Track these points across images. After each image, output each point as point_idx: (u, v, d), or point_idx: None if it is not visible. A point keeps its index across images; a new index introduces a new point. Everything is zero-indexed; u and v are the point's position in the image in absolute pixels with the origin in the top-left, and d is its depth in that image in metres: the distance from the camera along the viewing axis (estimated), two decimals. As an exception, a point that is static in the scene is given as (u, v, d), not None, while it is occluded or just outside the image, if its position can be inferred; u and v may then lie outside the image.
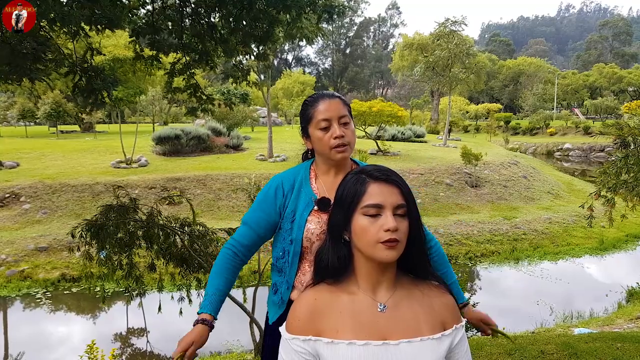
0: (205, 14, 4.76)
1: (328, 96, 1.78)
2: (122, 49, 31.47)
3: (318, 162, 1.85)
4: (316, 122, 1.75)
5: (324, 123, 1.73)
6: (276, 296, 1.84)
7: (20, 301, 8.95)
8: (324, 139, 1.73)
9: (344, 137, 1.72)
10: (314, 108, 1.76)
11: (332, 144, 1.72)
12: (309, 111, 1.79)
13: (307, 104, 1.81)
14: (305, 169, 1.85)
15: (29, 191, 12.81)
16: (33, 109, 31.64)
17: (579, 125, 40.85)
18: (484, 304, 7.98)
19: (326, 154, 1.76)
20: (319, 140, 1.75)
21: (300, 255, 1.76)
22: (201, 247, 4.98)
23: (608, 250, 12.13)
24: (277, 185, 1.81)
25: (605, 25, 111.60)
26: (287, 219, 1.77)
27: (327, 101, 1.75)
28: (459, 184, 15.85)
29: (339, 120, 1.74)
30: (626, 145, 5.37)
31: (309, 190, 1.79)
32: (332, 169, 1.80)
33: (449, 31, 26.06)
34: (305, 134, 1.83)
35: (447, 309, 1.30)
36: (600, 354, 4.14)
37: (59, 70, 4.12)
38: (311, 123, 1.77)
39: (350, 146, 1.75)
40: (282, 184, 1.81)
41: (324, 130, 1.73)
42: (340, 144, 1.72)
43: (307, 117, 1.79)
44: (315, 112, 1.75)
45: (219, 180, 14.31)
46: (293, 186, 1.80)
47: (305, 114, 1.81)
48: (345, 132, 1.73)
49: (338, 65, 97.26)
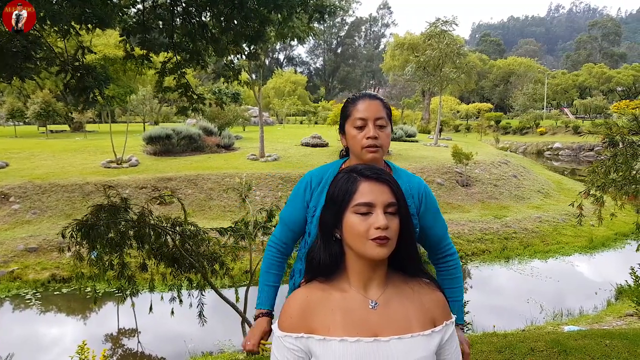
0: (196, 13, 4.75)
1: (369, 97, 1.81)
2: (113, 48, 31.29)
3: (351, 161, 1.88)
4: (353, 119, 1.78)
5: (359, 122, 1.76)
6: (291, 281, 1.99)
7: (10, 302, 8.88)
8: (357, 137, 1.76)
9: (377, 139, 1.74)
10: (353, 106, 1.80)
11: (364, 143, 1.75)
12: (348, 109, 1.82)
13: (349, 102, 1.84)
14: (335, 167, 1.89)
15: (18, 191, 12.71)
16: (22, 108, 31.35)
17: (568, 124, 41.19)
18: (475, 303, 8.03)
19: (357, 153, 1.79)
20: (353, 138, 1.78)
21: None
22: (192, 246, 4.97)
23: (597, 249, 12.25)
24: (307, 181, 1.86)
25: (594, 26, 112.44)
26: (310, 213, 1.83)
27: (367, 101, 1.78)
28: (450, 183, 15.92)
29: (375, 121, 1.76)
30: (615, 144, 5.43)
31: None
32: None
33: (440, 31, 26.15)
34: (342, 130, 1.86)
35: (437, 305, 1.31)
36: (589, 351, 4.18)
37: (50, 69, 4.10)
38: (348, 120, 1.80)
39: (383, 149, 1.77)
40: (311, 181, 1.86)
41: (359, 129, 1.76)
42: (372, 145, 1.74)
43: (346, 114, 1.82)
44: (353, 110, 1.79)
45: (210, 180, 14.28)
46: (320, 182, 1.84)
47: (344, 111, 1.84)
48: (379, 134, 1.75)
49: (329, 65, 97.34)
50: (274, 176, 14.88)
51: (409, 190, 1.83)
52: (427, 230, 1.86)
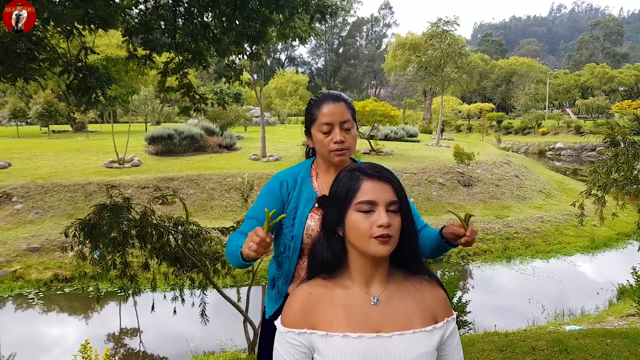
0: (198, 14, 4.77)
1: (333, 99, 1.80)
2: (115, 49, 31.34)
3: (319, 161, 1.89)
4: (319, 124, 1.78)
5: (325, 127, 1.76)
6: (274, 291, 1.88)
7: (13, 302, 8.91)
8: (324, 141, 1.77)
9: (344, 142, 1.76)
10: (318, 110, 1.79)
11: (332, 147, 1.76)
12: (313, 112, 1.81)
13: (312, 104, 1.83)
14: (306, 167, 1.89)
15: (20, 191, 12.74)
16: (24, 108, 31.42)
17: (570, 124, 41.12)
18: (477, 302, 8.03)
19: (325, 156, 1.80)
20: (320, 142, 1.79)
21: (300, 251, 1.80)
22: (194, 246, 4.99)
23: (599, 249, 12.24)
24: (282, 181, 1.85)
25: (596, 26, 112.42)
26: (289, 215, 1.80)
27: (332, 104, 1.77)
28: (452, 183, 15.92)
29: (341, 125, 1.76)
30: (616, 144, 5.42)
31: (310, 188, 1.83)
32: (332, 168, 1.84)
33: (442, 31, 26.13)
34: (308, 133, 1.86)
35: (438, 302, 1.33)
36: (590, 350, 4.19)
37: (53, 69, 4.12)
38: (314, 124, 1.80)
39: (350, 150, 1.79)
40: (287, 180, 1.84)
41: (325, 134, 1.76)
42: (340, 149, 1.76)
43: (311, 118, 1.82)
44: (318, 114, 1.78)
45: (212, 180, 14.30)
46: (295, 183, 1.84)
47: (309, 114, 1.83)
48: (346, 137, 1.76)
49: (331, 65, 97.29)
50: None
51: None
52: None
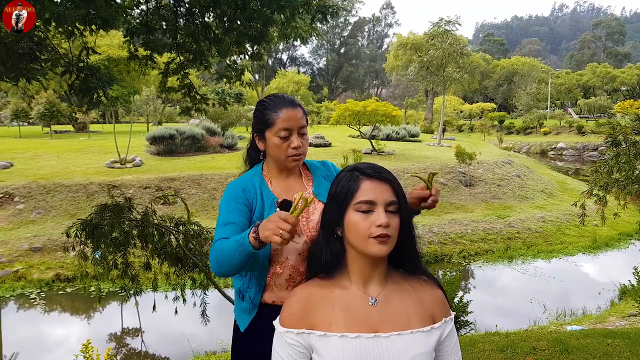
0: (200, 14, 4.77)
1: (291, 104, 1.77)
2: (116, 49, 31.39)
3: (269, 166, 1.86)
4: (277, 129, 1.74)
5: (284, 132, 1.73)
6: (245, 302, 1.80)
7: (15, 302, 8.92)
8: (282, 146, 1.75)
9: (301, 148, 1.76)
10: (276, 114, 1.74)
11: (290, 153, 1.75)
12: (269, 116, 1.76)
13: (268, 108, 1.78)
14: (258, 174, 1.86)
15: (22, 191, 12.77)
16: (26, 109, 31.47)
17: (572, 124, 41.06)
18: (478, 302, 8.03)
19: (281, 160, 1.78)
20: (277, 147, 1.75)
21: (271, 258, 1.73)
22: (196, 246, 4.99)
23: (601, 249, 12.22)
24: (242, 188, 1.80)
25: (598, 25, 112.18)
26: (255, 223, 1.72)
27: (291, 110, 1.75)
28: (453, 183, 15.91)
29: (298, 130, 1.76)
30: (618, 144, 5.42)
31: (269, 193, 1.80)
32: (284, 172, 1.84)
33: (443, 31, 26.12)
34: (261, 135, 1.81)
35: (436, 302, 1.33)
36: (591, 350, 4.19)
37: (55, 70, 4.13)
38: (271, 129, 1.76)
39: (304, 155, 1.80)
40: (247, 187, 1.80)
41: (283, 139, 1.74)
42: (297, 154, 1.76)
43: (267, 122, 1.77)
44: (277, 119, 1.74)
45: (213, 180, 14.31)
46: (255, 191, 1.80)
47: (264, 118, 1.78)
48: (302, 142, 1.76)
49: (332, 65, 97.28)
50: (277, 176, 14.89)
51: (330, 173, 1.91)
52: None
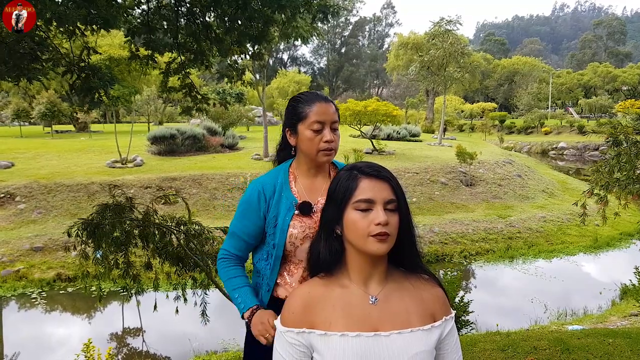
0: (201, 14, 4.77)
1: (324, 99, 1.80)
2: (117, 49, 31.43)
3: (299, 162, 1.86)
4: (310, 122, 1.76)
5: (317, 125, 1.75)
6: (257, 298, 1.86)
7: (16, 301, 8.94)
8: (314, 140, 1.75)
9: (333, 142, 1.77)
10: (309, 108, 1.77)
11: (322, 147, 1.75)
12: (302, 109, 1.78)
13: (302, 102, 1.80)
14: (284, 172, 1.86)
15: (24, 191, 12.79)
16: (27, 108, 31.53)
17: (573, 124, 41.03)
18: (479, 302, 8.03)
19: (312, 155, 1.78)
20: (309, 141, 1.76)
21: (284, 258, 1.78)
22: (197, 246, 5.00)
23: (602, 249, 12.21)
24: (259, 191, 1.81)
25: (599, 25, 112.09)
26: (270, 224, 1.78)
27: (324, 104, 1.77)
28: (454, 183, 15.91)
29: (331, 125, 1.77)
30: (619, 143, 5.42)
31: (290, 194, 1.80)
32: (312, 170, 1.84)
33: (444, 30, 26.13)
34: (293, 130, 1.83)
35: (437, 301, 1.33)
36: (592, 349, 4.19)
37: (56, 69, 4.13)
38: (304, 122, 1.77)
39: (336, 151, 1.80)
40: (263, 190, 1.81)
41: (315, 132, 1.75)
42: (329, 148, 1.76)
43: (300, 115, 1.79)
44: (310, 112, 1.76)
45: (214, 179, 14.32)
46: (274, 191, 1.81)
47: (297, 111, 1.80)
48: (334, 137, 1.77)
49: (333, 65, 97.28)
50: (278, 176, 14.89)
51: None
52: None
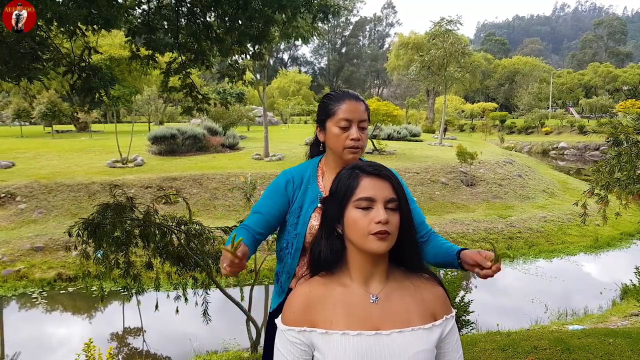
0: (201, 14, 4.78)
1: (354, 97, 1.83)
2: (118, 49, 31.45)
3: (328, 158, 1.91)
4: (337, 119, 1.79)
5: (344, 122, 1.78)
6: (278, 285, 1.93)
7: (17, 301, 8.94)
8: (340, 137, 1.79)
9: (360, 141, 1.79)
10: (338, 105, 1.81)
11: (348, 144, 1.78)
12: (332, 106, 1.83)
13: (332, 99, 1.85)
14: (313, 166, 1.91)
15: (24, 191, 12.79)
16: (28, 108, 31.53)
17: (574, 124, 41.05)
18: (479, 302, 8.03)
19: (338, 152, 1.81)
20: (335, 137, 1.80)
21: (304, 250, 1.83)
22: (197, 245, 5.00)
23: (603, 249, 12.21)
24: (288, 179, 1.86)
25: (600, 25, 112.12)
26: (294, 214, 1.83)
27: (353, 102, 1.80)
28: (455, 183, 15.91)
29: (359, 123, 1.80)
30: (619, 143, 5.42)
31: (316, 187, 1.85)
32: (340, 166, 1.84)
33: (445, 30, 26.13)
34: (322, 126, 1.87)
35: (437, 300, 1.34)
36: (592, 349, 4.19)
37: (57, 69, 4.14)
38: (332, 118, 1.81)
39: (362, 149, 1.83)
40: (293, 178, 1.86)
41: (342, 129, 1.79)
42: (355, 146, 1.79)
43: (329, 112, 1.83)
44: (338, 110, 1.80)
45: (215, 179, 14.32)
46: (301, 182, 1.86)
47: (327, 108, 1.84)
48: (361, 136, 1.80)
49: (334, 65, 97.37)
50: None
51: None
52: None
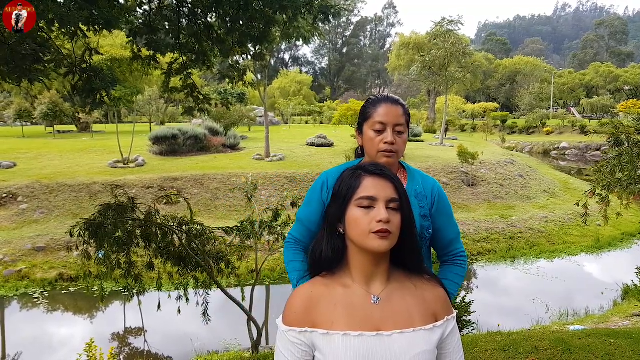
0: (202, 14, 4.78)
1: (391, 101, 1.82)
2: (119, 49, 31.46)
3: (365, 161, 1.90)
4: (372, 122, 1.80)
5: (379, 126, 1.78)
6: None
7: (18, 301, 8.96)
8: (375, 140, 1.79)
9: (394, 145, 1.78)
10: (374, 109, 1.81)
11: (381, 147, 1.78)
12: (369, 110, 1.83)
13: (370, 103, 1.86)
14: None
15: (26, 191, 12.81)
16: (30, 109, 31.55)
17: (575, 124, 41.01)
18: (481, 302, 8.03)
19: (372, 155, 1.82)
20: (370, 140, 1.81)
21: None
22: (199, 245, 5.01)
23: (604, 249, 12.21)
24: (323, 181, 1.87)
25: (601, 25, 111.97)
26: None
27: (390, 106, 1.80)
28: (456, 183, 15.91)
29: (394, 127, 1.79)
30: (620, 143, 5.41)
31: None
32: None
33: (446, 30, 26.10)
34: (360, 130, 1.88)
35: (438, 301, 1.34)
36: (593, 350, 4.19)
37: (58, 70, 4.14)
38: (367, 122, 1.82)
39: (398, 154, 1.81)
40: (327, 181, 1.87)
41: (377, 133, 1.79)
42: (389, 150, 1.77)
43: (365, 115, 1.84)
44: (374, 113, 1.81)
45: (216, 179, 14.33)
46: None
47: (364, 112, 1.86)
48: (397, 140, 1.79)
49: (335, 65, 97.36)
50: (279, 176, 14.92)
51: (423, 191, 1.86)
52: (438, 232, 1.88)
